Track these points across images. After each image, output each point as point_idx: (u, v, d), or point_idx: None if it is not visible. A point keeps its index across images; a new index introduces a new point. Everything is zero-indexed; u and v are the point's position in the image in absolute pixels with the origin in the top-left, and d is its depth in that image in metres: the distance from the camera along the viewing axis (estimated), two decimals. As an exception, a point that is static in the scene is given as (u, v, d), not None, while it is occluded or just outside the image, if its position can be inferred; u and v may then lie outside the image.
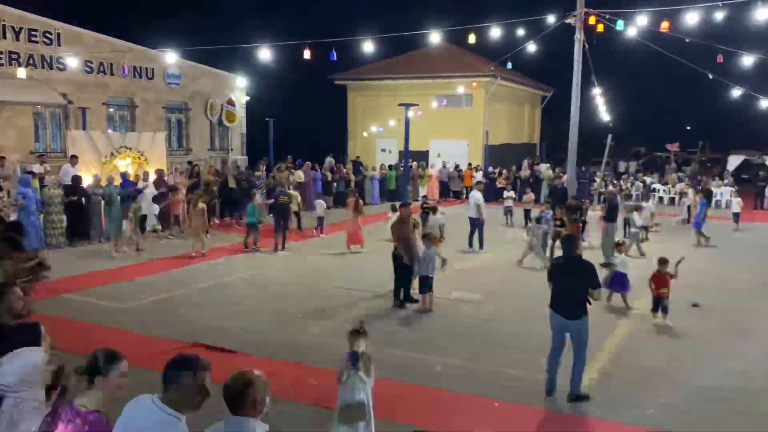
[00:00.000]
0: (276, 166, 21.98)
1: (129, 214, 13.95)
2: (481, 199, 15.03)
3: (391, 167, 25.84)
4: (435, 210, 14.63)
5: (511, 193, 20.34)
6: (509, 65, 23.56)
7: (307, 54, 15.68)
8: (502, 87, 30.29)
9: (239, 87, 26.47)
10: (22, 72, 18.18)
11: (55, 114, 19.96)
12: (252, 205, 14.75)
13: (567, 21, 17.54)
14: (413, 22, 32.30)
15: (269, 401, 3.16)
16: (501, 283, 11.95)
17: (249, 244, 14.53)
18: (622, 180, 26.34)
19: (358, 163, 25.96)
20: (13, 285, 4.78)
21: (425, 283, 9.88)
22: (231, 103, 26.00)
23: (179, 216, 16.14)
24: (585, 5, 17.29)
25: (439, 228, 13.81)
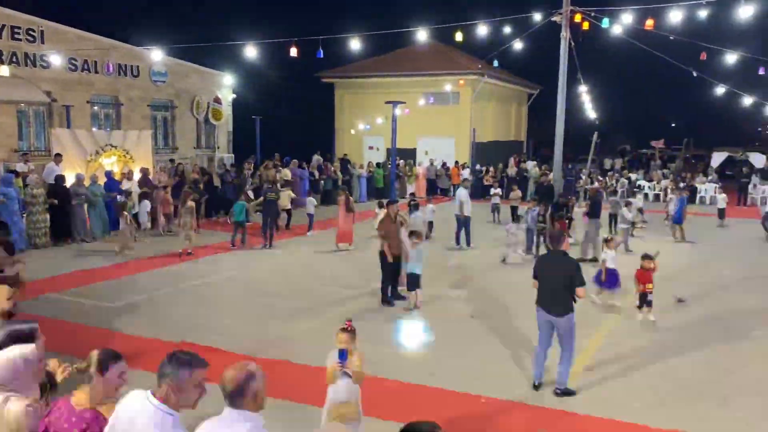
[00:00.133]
0: (263, 164, 21.90)
1: (124, 212, 13.85)
2: (466, 196, 15.08)
3: (378, 165, 25.81)
4: (417, 206, 14.58)
5: (498, 191, 20.43)
6: (496, 63, 23.69)
7: (293, 52, 15.62)
8: (489, 85, 30.38)
9: (226, 85, 26.31)
10: (5, 69, 17.95)
11: (39, 112, 19.71)
12: (239, 204, 14.70)
13: (553, 19, 17.68)
14: (401, 20, 32.34)
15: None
16: (488, 279, 12.03)
17: (236, 243, 14.50)
18: (607, 177, 26.55)
19: (346, 161, 25.84)
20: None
21: (413, 281, 9.91)
22: (217, 101, 25.83)
23: (168, 214, 16.10)
24: (571, 3, 17.41)
25: (429, 225, 13.80)
